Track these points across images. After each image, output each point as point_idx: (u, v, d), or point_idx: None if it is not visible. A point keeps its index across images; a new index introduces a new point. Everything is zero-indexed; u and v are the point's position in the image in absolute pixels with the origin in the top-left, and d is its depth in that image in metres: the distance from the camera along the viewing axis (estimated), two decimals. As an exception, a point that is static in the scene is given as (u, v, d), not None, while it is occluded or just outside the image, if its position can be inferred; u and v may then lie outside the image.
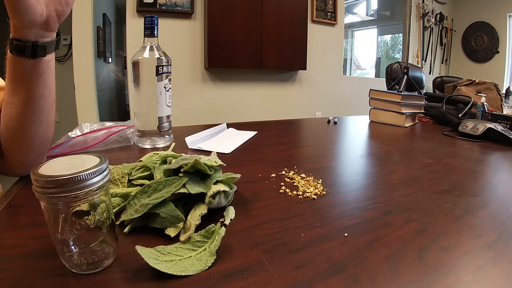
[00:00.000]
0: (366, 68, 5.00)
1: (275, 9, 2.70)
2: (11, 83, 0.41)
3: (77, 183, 0.23)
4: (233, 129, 0.89)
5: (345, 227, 0.35)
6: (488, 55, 4.36)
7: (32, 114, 0.43)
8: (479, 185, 0.52)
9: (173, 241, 0.31)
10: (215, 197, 0.36)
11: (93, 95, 2.26)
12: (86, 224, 0.25)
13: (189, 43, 2.54)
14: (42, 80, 0.42)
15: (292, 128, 1.05)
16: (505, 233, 0.35)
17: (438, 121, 1.16)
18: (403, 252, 0.31)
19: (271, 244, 0.31)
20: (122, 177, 0.41)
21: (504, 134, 0.83)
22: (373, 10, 4.78)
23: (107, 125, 0.68)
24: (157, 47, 0.63)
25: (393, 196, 0.45)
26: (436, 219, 0.38)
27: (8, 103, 0.43)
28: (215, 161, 0.40)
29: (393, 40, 4.95)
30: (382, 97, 1.13)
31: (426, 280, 0.27)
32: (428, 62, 4.46)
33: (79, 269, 0.26)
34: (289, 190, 0.45)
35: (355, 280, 0.26)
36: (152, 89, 0.63)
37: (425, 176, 0.55)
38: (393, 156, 0.71)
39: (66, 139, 0.60)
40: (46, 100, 0.44)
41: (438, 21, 4.42)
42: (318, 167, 0.58)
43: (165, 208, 0.32)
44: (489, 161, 0.70)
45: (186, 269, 0.26)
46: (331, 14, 3.23)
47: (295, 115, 3.13)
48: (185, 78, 2.57)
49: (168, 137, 0.69)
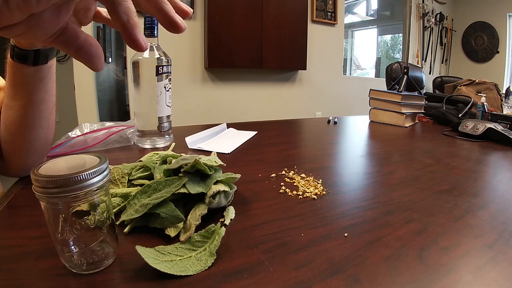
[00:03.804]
0: (366, 68, 5.00)
1: (275, 9, 2.70)
2: (11, 87, 0.41)
3: (77, 183, 0.23)
4: (233, 129, 0.89)
5: (345, 227, 0.35)
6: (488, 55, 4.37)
7: (32, 118, 0.43)
8: (479, 185, 0.52)
9: (173, 241, 0.31)
10: (215, 197, 0.36)
11: (93, 95, 2.27)
12: (86, 224, 0.25)
13: (189, 43, 2.54)
14: (43, 85, 0.41)
15: (292, 128, 1.05)
16: (505, 233, 0.35)
17: (438, 121, 1.16)
18: (403, 252, 0.31)
19: (271, 244, 0.31)
20: (122, 177, 0.41)
21: (504, 134, 0.83)
22: (373, 10, 4.78)
23: (107, 125, 0.68)
24: (157, 47, 0.63)
25: (393, 196, 0.45)
26: (436, 219, 0.38)
27: (8, 106, 0.42)
28: (215, 161, 0.40)
29: (393, 40, 4.95)
30: (382, 97, 1.13)
31: (426, 280, 0.27)
32: (428, 62, 4.46)
33: (79, 269, 0.26)
34: (289, 190, 0.45)
35: (355, 280, 0.26)
36: (152, 89, 0.63)
37: (425, 176, 0.55)
38: (393, 156, 0.71)
39: (66, 139, 0.60)
40: (47, 104, 0.43)
41: (438, 21, 4.42)
42: (318, 167, 0.58)
43: (165, 208, 0.32)
44: (489, 161, 0.70)
45: (186, 269, 0.26)
46: (331, 14, 3.23)
47: (295, 115, 3.13)
48: (185, 78, 2.57)
49: (168, 137, 0.69)
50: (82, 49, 0.24)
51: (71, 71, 2.17)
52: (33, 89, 0.40)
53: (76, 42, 0.24)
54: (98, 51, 0.25)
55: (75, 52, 0.24)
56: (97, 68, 0.25)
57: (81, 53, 0.24)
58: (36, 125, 0.44)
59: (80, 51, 0.24)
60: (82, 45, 0.24)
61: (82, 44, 0.24)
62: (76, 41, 0.24)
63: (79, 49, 0.24)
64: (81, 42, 0.24)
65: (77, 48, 0.24)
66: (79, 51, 0.24)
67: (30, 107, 0.42)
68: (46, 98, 0.43)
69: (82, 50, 0.24)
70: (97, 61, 0.25)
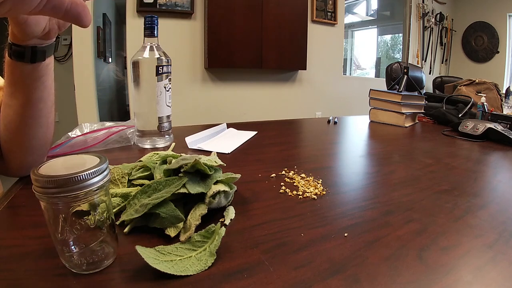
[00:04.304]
0: (366, 68, 5.00)
1: (275, 9, 2.70)
2: (9, 86, 0.41)
3: (77, 183, 0.23)
4: (233, 129, 0.89)
5: (345, 227, 0.35)
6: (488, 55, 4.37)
7: (31, 117, 0.43)
8: (479, 185, 0.52)
9: (173, 241, 0.31)
10: (215, 197, 0.36)
11: (93, 95, 2.26)
12: (86, 224, 0.25)
13: (189, 43, 2.54)
14: (41, 83, 0.41)
15: (292, 128, 1.05)
16: (505, 233, 0.35)
17: (438, 121, 1.16)
18: (403, 252, 0.31)
19: (271, 244, 0.31)
20: (122, 177, 0.41)
21: (504, 134, 0.83)
22: (373, 10, 4.78)
23: (107, 125, 0.68)
24: (157, 47, 0.63)
25: (393, 196, 0.45)
26: (436, 219, 0.38)
27: (7, 105, 0.42)
28: (215, 161, 0.40)
29: (393, 40, 4.95)
30: (382, 97, 1.13)
31: (426, 280, 0.27)
32: (428, 62, 4.46)
33: (79, 269, 0.26)
34: (289, 190, 0.45)
35: (355, 280, 0.26)
36: (152, 89, 0.63)
37: (425, 176, 0.55)
38: (393, 156, 0.71)
39: (66, 139, 0.60)
40: (45, 102, 0.43)
41: (438, 21, 4.42)
42: (318, 167, 0.58)
43: (165, 208, 0.32)
44: (489, 161, 0.70)
45: (186, 269, 0.26)
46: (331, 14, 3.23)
47: (295, 115, 3.13)
48: (185, 78, 2.57)
49: (168, 137, 0.69)
50: (70, 11, 0.25)
51: (71, 71, 2.17)
52: (31, 88, 0.41)
53: (63, 6, 0.24)
54: (85, 9, 0.26)
55: (64, 16, 0.25)
56: (85, 24, 0.26)
57: (69, 15, 0.25)
58: (35, 124, 0.44)
59: (68, 13, 0.25)
60: (69, 7, 0.25)
61: (69, 7, 0.25)
62: (63, 5, 0.24)
63: (67, 12, 0.25)
64: (68, 5, 0.25)
65: (65, 12, 0.25)
66: (67, 13, 0.25)
67: (29, 106, 0.42)
68: (45, 97, 0.43)
69: (70, 12, 0.25)
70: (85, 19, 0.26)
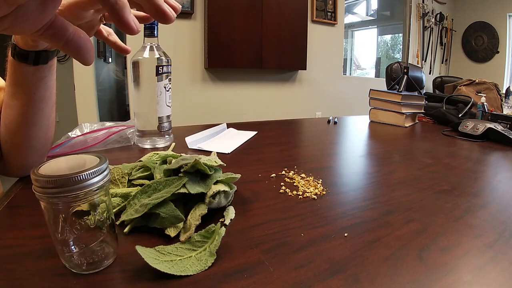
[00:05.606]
0: (366, 68, 5.00)
1: (275, 9, 2.70)
2: (11, 86, 0.41)
3: (77, 183, 0.23)
4: (233, 129, 0.89)
5: (345, 227, 0.35)
6: (488, 55, 4.37)
7: (32, 117, 0.43)
8: (479, 185, 0.52)
9: (173, 241, 0.31)
10: (215, 197, 0.36)
11: (93, 95, 2.27)
12: (86, 224, 0.25)
13: (189, 43, 2.54)
14: (44, 83, 0.41)
15: (292, 128, 1.05)
16: (505, 233, 0.35)
17: (438, 121, 1.16)
18: (403, 252, 0.31)
19: (271, 244, 0.31)
20: (122, 177, 0.41)
21: (504, 134, 0.83)
22: (373, 10, 4.78)
23: (107, 125, 0.68)
24: (157, 47, 0.63)
25: (393, 196, 0.45)
26: (436, 219, 0.38)
27: (8, 105, 0.42)
28: (215, 161, 0.40)
29: (393, 40, 4.95)
30: (382, 97, 1.13)
31: (426, 280, 0.27)
32: (428, 62, 4.46)
33: (79, 269, 0.26)
34: (289, 190, 0.45)
35: (355, 280, 0.26)
36: (152, 89, 0.63)
37: (425, 176, 0.55)
38: (393, 156, 0.71)
39: (66, 139, 0.60)
40: (47, 102, 0.43)
41: (438, 21, 4.42)
42: (318, 167, 0.58)
43: (165, 208, 0.32)
44: (489, 161, 0.70)
45: (186, 269, 0.26)
46: (331, 14, 3.23)
47: (295, 115, 3.13)
48: (185, 78, 2.57)
49: (168, 137, 0.69)
50: (71, 42, 0.23)
51: (71, 71, 2.17)
52: (33, 88, 0.40)
53: (64, 35, 0.23)
54: (88, 44, 0.24)
55: (63, 46, 0.23)
56: (87, 62, 0.24)
57: (69, 46, 0.23)
58: (36, 124, 0.44)
59: (69, 45, 0.23)
60: (70, 38, 0.23)
61: (71, 37, 0.23)
62: (65, 35, 0.23)
63: (67, 42, 0.23)
64: (70, 35, 0.23)
65: (66, 42, 0.23)
66: (68, 44, 0.23)
67: (30, 106, 0.42)
68: (47, 97, 0.43)
69: (71, 44, 0.23)
70: (87, 54, 0.24)
